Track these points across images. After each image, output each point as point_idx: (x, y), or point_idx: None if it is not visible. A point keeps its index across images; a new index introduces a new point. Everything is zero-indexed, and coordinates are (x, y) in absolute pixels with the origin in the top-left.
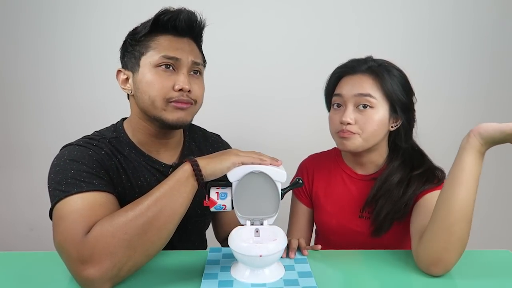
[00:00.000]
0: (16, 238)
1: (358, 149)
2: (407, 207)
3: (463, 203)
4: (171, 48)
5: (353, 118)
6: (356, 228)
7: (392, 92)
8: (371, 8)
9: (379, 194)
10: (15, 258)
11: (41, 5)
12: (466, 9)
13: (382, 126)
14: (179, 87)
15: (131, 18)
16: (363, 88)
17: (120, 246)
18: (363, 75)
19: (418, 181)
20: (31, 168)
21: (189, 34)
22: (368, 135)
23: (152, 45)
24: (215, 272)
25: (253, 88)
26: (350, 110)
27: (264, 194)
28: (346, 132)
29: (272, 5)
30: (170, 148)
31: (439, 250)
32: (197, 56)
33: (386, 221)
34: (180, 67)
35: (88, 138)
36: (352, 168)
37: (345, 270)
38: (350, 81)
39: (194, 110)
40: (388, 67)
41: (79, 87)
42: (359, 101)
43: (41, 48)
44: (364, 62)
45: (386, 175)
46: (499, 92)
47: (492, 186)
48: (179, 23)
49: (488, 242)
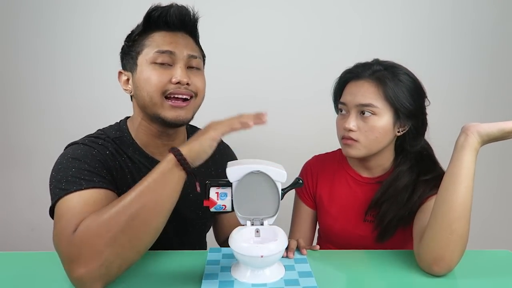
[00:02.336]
0: (17, 238)
1: (360, 156)
2: (412, 214)
3: (463, 200)
4: (165, 43)
5: (355, 125)
6: (360, 233)
7: (395, 99)
8: (372, 8)
9: (383, 198)
10: (15, 258)
11: (41, 5)
12: (466, 9)
13: (385, 132)
14: (176, 80)
15: (131, 18)
16: (364, 98)
17: (105, 245)
18: (366, 81)
19: (424, 187)
20: (31, 168)
21: (182, 28)
22: (370, 142)
23: (146, 43)
24: (215, 272)
25: (254, 89)
26: (353, 117)
27: (264, 194)
28: (349, 139)
29: (273, 6)
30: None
31: (441, 248)
32: (193, 50)
33: (390, 227)
34: (176, 61)
35: (93, 137)
36: (357, 171)
37: (345, 270)
38: (354, 89)
39: (195, 104)
40: (395, 71)
41: (79, 87)
42: (361, 109)
43: (40, 48)
44: (369, 67)
45: (392, 179)
46: (499, 92)
47: (492, 186)
48: (170, 18)
49: (488, 242)
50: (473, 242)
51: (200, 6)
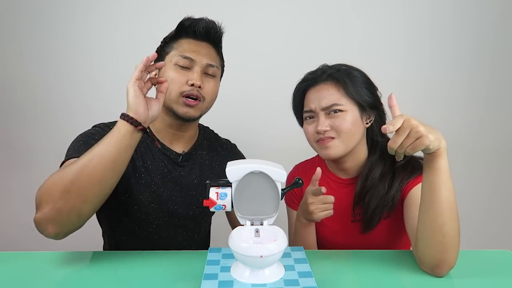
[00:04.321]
0: (16, 238)
1: (340, 154)
2: (395, 200)
3: (447, 203)
4: (189, 50)
5: (328, 125)
6: (349, 233)
7: (357, 95)
8: (372, 8)
9: (364, 191)
10: (15, 258)
11: (41, 5)
12: (466, 9)
13: (356, 124)
14: (191, 82)
15: (131, 18)
16: (328, 100)
17: (56, 191)
18: (325, 84)
19: (403, 172)
20: (31, 168)
21: (207, 39)
22: (346, 136)
23: (175, 46)
24: (215, 272)
25: (254, 89)
26: (323, 118)
27: (264, 194)
28: (326, 139)
29: (273, 6)
30: (183, 141)
31: (439, 253)
32: (212, 59)
33: (375, 216)
34: (195, 67)
35: (111, 124)
36: (337, 174)
37: (345, 270)
38: (316, 94)
39: (203, 106)
40: (348, 70)
41: (79, 87)
42: (328, 110)
43: (40, 49)
44: (323, 72)
45: (367, 171)
46: (499, 92)
47: (492, 186)
48: (197, 29)
49: (488, 242)
50: (473, 242)
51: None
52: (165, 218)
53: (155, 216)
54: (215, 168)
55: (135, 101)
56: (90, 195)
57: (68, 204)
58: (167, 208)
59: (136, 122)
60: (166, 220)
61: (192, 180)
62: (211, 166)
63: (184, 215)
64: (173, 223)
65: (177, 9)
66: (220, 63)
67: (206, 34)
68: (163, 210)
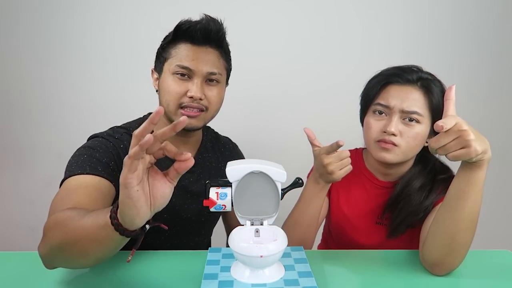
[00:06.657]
0: (17, 238)
1: (395, 162)
2: (427, 211)
3: (469, 213)
4: (187, 58)
5: (398, 130)
6: (371, 234)
7: (437, 109)
8: (372, 8)
9: (400, 197)
10: (15, 258)
11: (40, 5)
12: (466, 9)
13: (422, 141)
14: (191, 95)
15: (131, 18)
16: (412, 105)
17: (56, 243)
18: (414, 88)
19: (443, 185)
20: (31, 168)
21: (207, 42)
22: (409, 149)
23: (172, 53)
24: (215, 272)
25: (254, 89)
26: (396, 120)
27: (264, 194)
28: (389, 143)
29: (274, 5)
30: (188, 146)
31: (442, 254)
32: (214, 66)
33: (404, 223)
34: (194, 76)
35: (112, 131)
36: (374, 175)
37: (345, 270)
38: (400, 93)
39: (206, 116)
40: (435, 82)
41: (80, 87)
42: (407, 115)
43: (40, 49)
44: (414, 73)
45: (407, 180)
46: (498, 92)
47: (492, 186)
48: (195, 34)
49: (488, 242)
50: (473, 242)
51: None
52: (178, 227)
53: (169, 226)
54: (221, 170)
55: (130, 204)
56: (91, 255)
57: (62, 258)
58: (180, 217)
59: (128, 232)
60: (179, 229)
61: (202, 186)
62: (217, 168)
63: (196, 221)
64: (185, 231)
65: (177, 8)
66: (224, 66)
67: (205, 37)
68: (176, 219)
